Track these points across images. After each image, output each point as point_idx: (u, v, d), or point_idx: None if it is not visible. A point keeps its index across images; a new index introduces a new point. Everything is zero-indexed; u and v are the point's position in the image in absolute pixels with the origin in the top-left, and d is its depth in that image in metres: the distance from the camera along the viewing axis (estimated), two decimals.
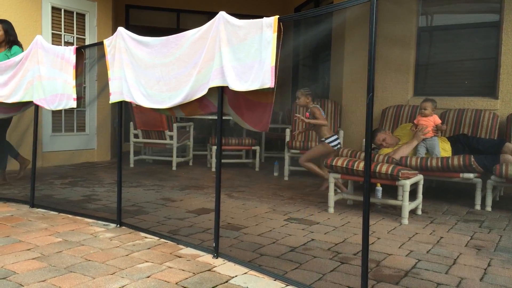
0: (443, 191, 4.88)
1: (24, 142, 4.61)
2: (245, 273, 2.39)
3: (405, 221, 3.51)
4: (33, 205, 3.79)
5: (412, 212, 3.81)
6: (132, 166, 6.25)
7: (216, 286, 2.20)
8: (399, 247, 2.90)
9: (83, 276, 2.29)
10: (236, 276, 2.34)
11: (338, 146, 4.67)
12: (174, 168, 6.17)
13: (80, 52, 3.50)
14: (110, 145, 7.11)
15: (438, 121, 4.47)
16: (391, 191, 3.94)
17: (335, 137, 4.70)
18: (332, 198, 3.83)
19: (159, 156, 6.73)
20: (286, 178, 5.55)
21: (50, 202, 3.95)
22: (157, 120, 6.09)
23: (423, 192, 3.87)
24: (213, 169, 6.12)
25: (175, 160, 6.18)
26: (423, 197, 3.88)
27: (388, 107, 5.33)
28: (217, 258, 2.61)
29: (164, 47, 2.88)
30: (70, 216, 3.54)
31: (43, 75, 3.60)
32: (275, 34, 2.33)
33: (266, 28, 2.36)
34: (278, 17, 2.33)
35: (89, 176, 5.49)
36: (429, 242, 3.03)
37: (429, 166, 4.13)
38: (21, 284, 2.17)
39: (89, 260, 2.53)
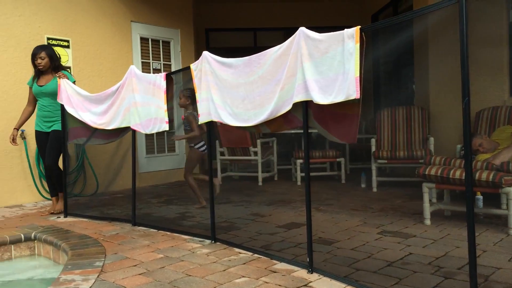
0: None
1: (124, 165, 4.96)
2: None
3: None
4: (135, 224, 4.05)
5: None
6: (220, 184, 6.45)
7: None
8: (509, 260, 2.69)
9: None
10: None
11: (206, 151, 4.86)
12: (260, 183, 6.27)
13: (169, 78, 3.73)
14: (199, 164, 7.40)
15: None
16: (493, 199, 3.67)
17: (203, 142, 4.88)
18: (427, 209, 3.65)
19: (245, 172, 6.89)
20: (374, 190, 5.39)
21: (149, 220, 4.20)
22: (241, 137, 6.26)
23: None
24: (299, 183, 6.13)
25: (260, 175, 6.28)
26: None
27: (483, 109, 4.99)
28: (312, 273, 2.60)
29: (247, 67, 2.98)
30: (168, 233, 3.74)
31: (137, 102, 3.88)
32: (358, 45, 2.31)
33: (348, 40, 2.34)
34: (360, 27, 2.31)
35: (181, 194, 5.77)
36: None
37: None
38: None
39: (189, 275, 2.65)
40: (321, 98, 2.45)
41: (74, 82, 4.53)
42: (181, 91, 4.86)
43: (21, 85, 5.34)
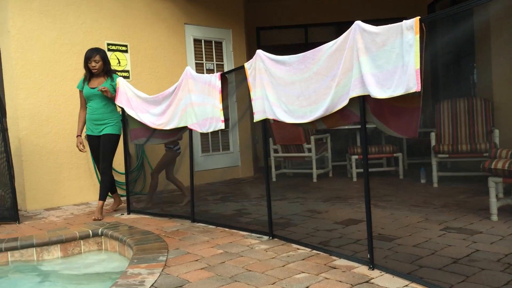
0: None
1: (181, 164, 5.10)
2: (406, 285, 2.30)
3: None
4: (194, 220, 4.17)
5: None
6: (274, 180, 6.49)
7: None
8: None
9: (247, 285, 2.44)
10: None
11: (180, 151, 4.94)
12: (314, 180, 6.24)
13: (224, 78, 3.80)
14: (253, 162, 7.50)
15: None
16: None
17: (179, 145, 4.95)
18: (494, 204, 3.48)
19: (299, 169, 6.88)
20: (435, 185, 5.21)
21: (207, 216, 4.31)
22: (295, 134, 6.26)
23: None
24: (355, 179, 6.04)
25: (315, 172, 6.25)
26: None
27: None
28: (373, 269, 2.56)
29: (301, 63, 2.98)
30: (226, 229, 3.81)
31: (194, 102, 3.98)
32: (417, 36, 2.25)
33: (407, 31, 2.29)
34: (420, 18, 2.24)
35: (236, 191, 5.86)
36: None
37: None
38: None
39: (250, 270, 2.70)
40: (379, 92, 2.41)
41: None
42: None
43: None
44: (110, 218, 4.54)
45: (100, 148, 4.57)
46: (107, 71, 4.60)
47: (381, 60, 2.41)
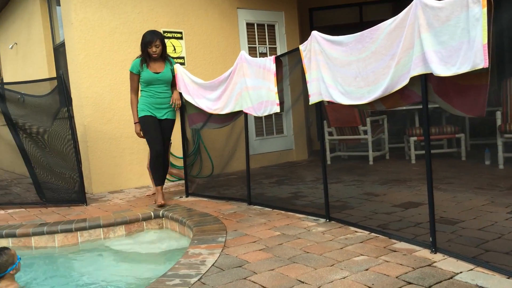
0: None
1: (237, 147, 5.17)
2: (471, 269, 2.23)
3: None
4: (250, 203, 4.23)
5: None
6: (329, 163, 6.44)
7: (440, 282, 2.11)
8: None
9: (305, 267, 2.46)
10: (461, 272, 2.20)
11: None
12: (371, 162, 6.12)
13: (278, 61, 3.78)
14: (307, 145, 7.46)
15: None
16: None
17: None
18: None
19: (354, 151, 6.77)
20: (501, 167, 4.95)
21: (263, 199, 4.35)
22: (350, 116, 6.15)
23: None
24: (413, 161, 5.87)
25: (371, 154, 6.13)
26: None
27: None
28: (435, 253, 2.50)
29: (358, 43, 2.90)
30: (282, 212, 3.84)
31: (249, 86, 4.01)
32: (485, 9, 2.12)
33: (473, 5, 2.16)
34: None
35: (291, 174, 5.87)
36: None
37: None
38: (254, 272, 2.45)
39: (307, 252, 2.71)
40: (443, 70, 2.31)
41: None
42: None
43: None
44: (170, 200, 4.70)
45: (163, 134, 4.47)
46: (164, 55, 4.49)
47: (445, 36, 2.31)
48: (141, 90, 4.49)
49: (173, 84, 4.60)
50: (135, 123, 4.52)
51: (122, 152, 5.74)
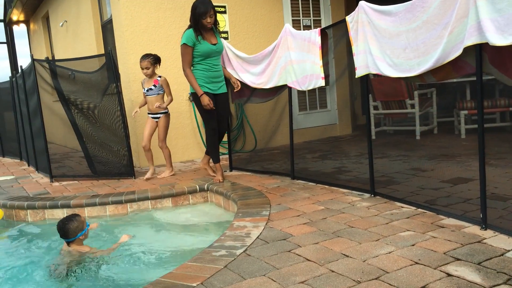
0: None
1: (280, 122, 5.16)
2: None
3: None
4: (293, 177, 4.24)
5: None
6: (374, 138, 6.31)
7: (491, 258, 2.05)
8: None
9: (350, 241, 2.46)
10: None
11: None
12: (417, 137, 5.95)
13: (324, 33, 3.70)
14: (351, 119, 7.34)
15: None
16: None
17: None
18: None
19: (400, 126, 6.60)
20: None
21: (307, 174, 4.35)
22: (397, 90, 5.97)
23: None
24: (463, 136, 5.65)
25: (418, 129, 5.95)
26: None
27: None
28: (485, 229, 2.42)
29: (408, 13, 2.79)
30: (326, 186, 3.83)
31: (293, 59, 3.96)
32: None
33: None
34: None
35: (335, 149, 5.81)
36: None
37: None
38: (298, 245, 2.48)
39: (352, 227, 2.70)
40: (500, 39, 2.18)
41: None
42: (144, 59, 4.75)
43: None
44: (218, 175, 4.78)
45: (220, 109, 4.30)
46: (216, 25, 4.24)
47: (503, 3, 2.18)
48: (195, 64, 4.25)
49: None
50: (200, 96, 4.17)
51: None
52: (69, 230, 3.08)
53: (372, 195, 3.38)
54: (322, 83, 3.72)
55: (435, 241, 2.33)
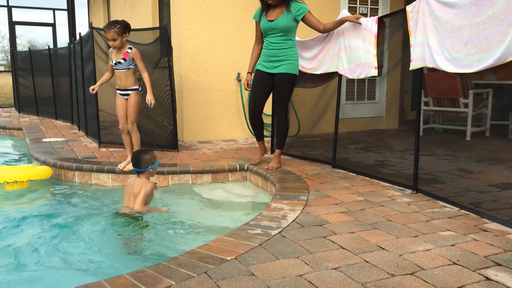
0: None
1: (327, 110, 5.10)
2: None
3: None
4: (334, 166, 4.21)
5: None
6: (421, 135, 6.12)
7: None
8: None
9: (387, 234, 2.43)
10: None
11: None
12: (468, 138, 5.73)
13: (381, 22, 3.61)
14: (398, 113, 7.16)
15: None
16: None
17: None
18: None
19: (450, 125, 6.37)
20: None
21: (348, 164, 4.30)
22: (451, 87, 5.75)
23: None
24: None
25: (469, 129, 5.72)
26: None
27: None
28: None
29: (474, 6, 2.67)
30: (367, 178, 3.78)
31: (347, 46, 3.89)
32: None
33: None
34: None
35: (379, 142, 5.70)
36: None
37: None
38: (334, 232, 2.47)
39: (390, 221, 2.66)
40: None
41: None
42: (110, 29, 3.98)
43: (239, 32, 5.90)
44: (255, 155, 4.82)
45: (274, 89, 4.07)
46: (284, 0, 3.95)
47: None
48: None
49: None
50: (247, 73, 4.20)
51: (213, 105, 5.94)
52: (142, 160, 3.39)
53: (414, 192, 3.30)
54: (374, 72, 3.64)
55: (476, 244, 2.27)
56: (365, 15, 6.55)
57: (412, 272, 1.96)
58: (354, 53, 3.79)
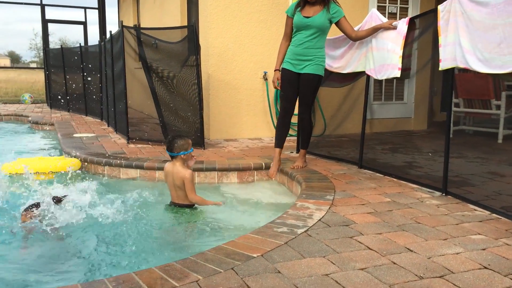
0: None
1: (354, 110, 5.06)
2: None
3: None
4: (361, 166, 4.17)
5: None
6: (451, 136, 6.00)
7: None
8: None
9: (415, 236, 2.40)
10: None
11: None
12: (499, 140, 5.58)
13: (412, 23, 3.55)
14: (427, 114, 7.03)
15: None
16: None
17: None
18: None
19: (481, 127, 6.22)
20: None
21: (375, 164, 4.26)
22: (482, 88, 5.61)
23: None
24: None
25: (501, 132, 5.57)
26: None
27: None
28: None
29: (509, 5, 2.61)
30: (394, 179, 3.73)
31: (374, 46, 3.85)
32: None
33: None
34: None
35: (407, 143, 5.62)
36: None
37: None
38: (361, 233, 2.46)
39: (418, 223, 2.62)
40: None
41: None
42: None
43: (267, 31, 5.91)
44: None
45: (300, 89, 3.98)
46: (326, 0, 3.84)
47: None
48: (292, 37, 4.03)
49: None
50: (274, 70, 4.09)
51: (239, 103, 5.97)
52: (175, 144, 3.42)
53: (444, 194, 3.25)
54: (397, 74, 3.59)
55: (508, 249, 2.21)
56: (394, 14, 6.46)
57: (441, 275, 1.93)
58: (381, 53, 3.75)
